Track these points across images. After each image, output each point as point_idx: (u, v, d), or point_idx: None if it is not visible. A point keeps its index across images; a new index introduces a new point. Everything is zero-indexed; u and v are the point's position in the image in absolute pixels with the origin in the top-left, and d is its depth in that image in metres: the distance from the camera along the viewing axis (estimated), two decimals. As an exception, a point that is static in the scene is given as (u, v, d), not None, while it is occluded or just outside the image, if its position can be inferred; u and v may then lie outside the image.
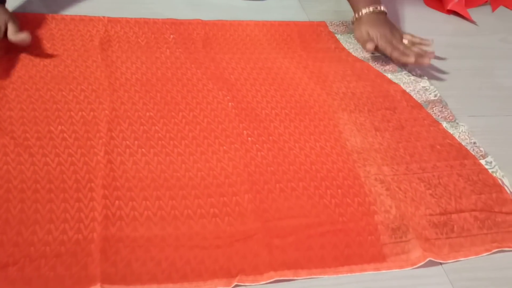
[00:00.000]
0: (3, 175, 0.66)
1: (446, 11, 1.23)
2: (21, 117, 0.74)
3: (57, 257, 0.58)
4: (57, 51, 0.88)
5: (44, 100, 0.78)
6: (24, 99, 0.77)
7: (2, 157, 0.68)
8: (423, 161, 0.79)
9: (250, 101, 0.84)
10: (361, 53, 1.01)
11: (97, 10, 1.00)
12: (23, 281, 0.56)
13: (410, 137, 0.83)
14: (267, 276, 0.60)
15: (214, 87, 0.86)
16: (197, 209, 0.66)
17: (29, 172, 0.67)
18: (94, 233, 0.61)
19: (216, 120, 0.79)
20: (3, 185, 0.65)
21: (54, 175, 0.67)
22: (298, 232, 0.65)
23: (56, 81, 0.82)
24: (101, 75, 0.84)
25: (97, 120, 0.76)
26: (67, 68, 0.85)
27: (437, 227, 0.69)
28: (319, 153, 0.77)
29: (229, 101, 0.83)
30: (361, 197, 0.72)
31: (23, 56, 0.85)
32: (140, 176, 0.69)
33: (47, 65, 0.85)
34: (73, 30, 0.93)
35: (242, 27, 1.02)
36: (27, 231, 0.60)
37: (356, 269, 0.63)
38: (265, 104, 0.84)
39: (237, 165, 0.73)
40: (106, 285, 0.56)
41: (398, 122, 0.85)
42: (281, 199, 0.69)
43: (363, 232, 0.67)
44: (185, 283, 0.58)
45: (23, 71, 0.82)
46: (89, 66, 0.86)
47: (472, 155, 0.81)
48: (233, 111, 0.81)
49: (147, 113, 0.78)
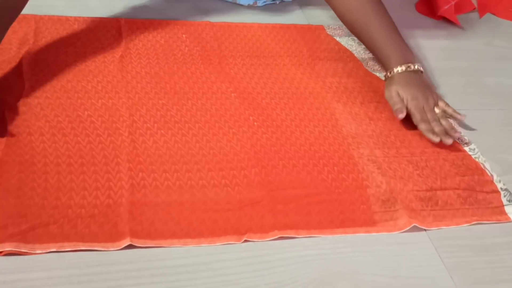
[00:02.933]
0: (40, 152, 0.75)
1: (437, 17, 1.32)
2: (49, 104, 0.84)
3: (91, 217, 0.67)
4: (85, 49, 0.98)
5: (66, 89, 0.87)
6: (48, 89, 0.87)
7: (39, 137, 0.77)
8: (412, 147, 0.88)
9: (251, 92, 0.94)
10: (363, 54, 1.10)
11: (111, 11, 1.11)
12: (62, 236, 0.65)
13: (401, 126, 0.92)
14: (272, 234, 0.69)
15: (217, 79, 0.96)
16: (211, 180, 0.76)
17: (62, 149, 0.76)
18: (122, 198, 0.70)
19: (222, 107, 0.89)
20: (40, 160, 0.74)
21: (85, 152, 0.77)
22: (298, 200, 0.75)
23: (74, 74, 0.91)
24: (115, 68, 0.94)
25: (117, 107, 0.85)
26: (88, 63, 0.95)
27: (423, 201, 0.78)
28: (318, 137, 0.87)
29: (231, 92, 0.93)
30: (355, 173, 0.81)
31: (51, 53, 0.96)
32: (159, 152, 0.79)
33: (71, 60, 0.94)
34: (95, 30, 1.04)
35: (246, 29, 1.12)
36: (65, 196, 0.70)
37: (349, 231, 0.72)
38: (264, 95, 0.94)
39: (245, 144, 0.82)
40: (134, 239, 0.66)
41: (390, 113, 0.94)
42: (283, 173, 0.79)
43: (356, 202, 0.76)
44: (201, 238, 0.68)
45: (46, 67, 0.92)
46: (106, 61, 0.96)
47: (457, 143, 0.91)
48: (237, 100, 0.91)
49: (159, 101, 0.88)
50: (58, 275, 0.61)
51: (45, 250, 0.63)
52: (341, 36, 1.16)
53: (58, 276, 0.61)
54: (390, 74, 0.94)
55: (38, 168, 0.73)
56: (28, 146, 0.75)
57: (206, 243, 0.67)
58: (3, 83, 0.86)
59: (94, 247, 0.64)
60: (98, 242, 0.65)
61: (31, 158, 0.74)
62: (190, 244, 0.67)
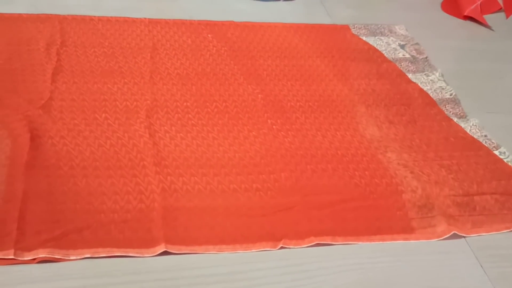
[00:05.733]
0: (65, 155, 0.74)
1: (463, 17, 1.30)
2: (71, 106, 0.83)
3: (125, 223, 0.66)
4: (113, 49, 0.97)
5: (92, 91, 0.86)
6: (74, 91, 0.86)
7: (60, 140, 0.76)
8: (439, 150, 0.86)
9: (277, 94, 0.93)
10: (392, 54, 1.08)
11: (133, 11, 1.09)
12: (96, 241, 0.63)
13: (424, 130, 0.90)
14: (308, 240, 0.68)
15: (244, 81, 0.94)
16: (241, 184, 0.74)
17: (87, 152, 0.75)
18: (155, 203, 0.69)
19: (244, 110, 0.88)
20: (66, 163, 0.73)
21: (109, 155, 0.75)
22: (333, 205, 0.73)
23: (104, 75, 0.90)
24: (146, 70, 0.93)
25: (137, 109, 0.84)
26: (118, 63, 0.94)
27: (460, 206, 0.76)
28: (342, 140, 0.85)
29: (258, 94, 0.92)
30: (387, 178, 0.79)
31: (79, 53, 0.94)
32: (184, 156, 0.77)
33: (100, 61, 0.94)
34: (120, 30, 1.02)
35: (271, 29, 1.11)
36: (97, 201, 0.68)
37: (387, 238, 0.70)
38: (291, 97, 0.93)
39: (269, 148, 0.81)
40: (169, 245, 0.64)
41: (411, 116, 0.92)
42: (314, 178, 0.77)
43: (392, 208, 0.74)
44: (236, 244, 0.66)
45: (74, 69, 0.91)
46: (138, 62, 0.95)
47: (485, 147, 0.88)
48: (261, 102, 0.90)
49: (184, 103, 0.87)
50: (94, 284, 0.59)
51: (79, 256, 0.61)
52: (367, 36, 1.14)
53: (94, 285, 0.59)
54: None
55: (64, 172, 0.71)
56: (52, 149, 0.74)
57: (241, 249, 0.66)
58: (30, 86, 0.85)
59: (128, 253, 0.63)
60: (133, 248, 0.63)
61: (57, 162, 0.73)
62: (225, 250, 0.65)
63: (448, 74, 1.05)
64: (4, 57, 0.90)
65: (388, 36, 1.14)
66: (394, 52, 1.08)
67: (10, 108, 0.80)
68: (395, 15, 1.26)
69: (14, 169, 0.70)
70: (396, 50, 1.09)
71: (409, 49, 1.11)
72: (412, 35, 1.17)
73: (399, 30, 1.18)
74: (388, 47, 1.10)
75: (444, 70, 1.06)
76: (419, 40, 1.15)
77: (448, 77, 1.04)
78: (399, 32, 1.17)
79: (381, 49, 1.09)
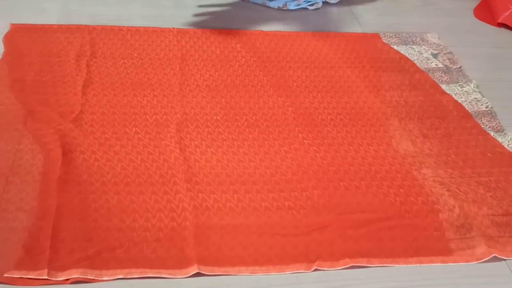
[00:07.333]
0: (96, 170, 0.74)
1: (497, 24, 1.26)
2: (102, 120, 0.82)
3: (157, 242, 0.65)
4: (142, 60, 0.97)
5: (122, 104, 0.86)
6: (104, 104, 0.85)
7: (91, 155, 0.76)
8: (476, 166, 0.83)
9: (308, 107, 0.91)
10: (425, 64, 1.06)
11: (160, 20, 1.09)
12: (130, 261, 0.63)
13: (459, 144, 0.87)
14: (342, 262, 0.66)
15: (274, 93, 0.92)
16: (273, 202, 0.72)
17: (118, 167, 0.75)
18: (186, 221, 0.68)
19: (274, 123, 0.86)
20: (98, 179, 0.73)
21: (140, 171, 0.75)
22: (369, 224, 0.71)
23: (134, 87, 0.90)
24: (176, 82, 0.92)
25: (168, 123, 0.83)
26: (147, 75, 0.93)
27: (500, 226, 0.73)
28: (375, 156, 0.82)
29: (288, 106, 0.90)
30: (423, 196, 0.76)
31: (109, 65, 0.94)
32: (215, 172, 0.76)
33: (129, 72, 0.93)
34: (149, 41, 1.02)
35: (300, 38, 1.09)
36: (128, 218, 0.68)
37: (425, 260, 0.68)
38: (322, 110, 0.90)
39: (301, 164, 0.79)
40: (202, 266, 0.63)
41: (446, 130, 0.90)
42: (348, 195, 0.75)
43: (429, 228, 0.72)
44: (270, 266, 0.64)
45: (104, 82, 0.90)
46: (167, 74, 0.94)
47: None
48: (292, 115, 0.88)
49: (214, 117, 0.86)
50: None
51: (112, 277, 0.61)
52: (398, 45, 1.11)
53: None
54: None
55: (96, 188, 0.71)
56: (83, 165, 0.74)
57: (275, 271, 0.64)
58: (61, 98, 0.85)
59: (161, 274, 0.62)
60: (166, 269, 0.62)
61: (89, 177, 0.72)
62: (258, 272, 0.64)
63: (482, 85, 1.02)
64: (36, 69, 0.91)
65: (420, 45, 1.12)
66: (427, 61, 1.05)
67: (42, 122, 0.80)
68: (426, 22, 1.22)
69: (47, 185, 0.70)
70: (428, 59, 1.06)
71: (442, 59, 1.08)
72: (444, 43, 1.14)
73: (431, 39, 1.15)
74: (420, 56, 1.07)
75: (478, 81, 1.02)
76: (451, 48, 1.11)
77: (482, 88, 1.01)
78: (431, 41, 1.14)
79: (413, 58, 1.06)
